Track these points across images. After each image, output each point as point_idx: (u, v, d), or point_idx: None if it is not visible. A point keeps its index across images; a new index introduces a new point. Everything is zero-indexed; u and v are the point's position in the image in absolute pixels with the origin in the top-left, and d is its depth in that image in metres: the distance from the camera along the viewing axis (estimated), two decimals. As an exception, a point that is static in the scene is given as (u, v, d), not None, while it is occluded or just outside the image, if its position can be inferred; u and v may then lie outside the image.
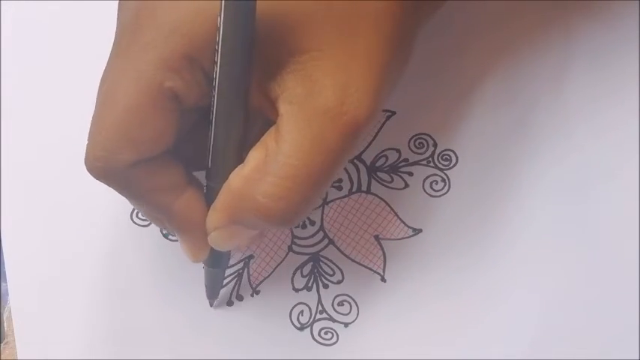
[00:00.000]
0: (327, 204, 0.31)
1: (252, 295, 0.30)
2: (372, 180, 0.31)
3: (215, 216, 0.23)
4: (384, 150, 0.31)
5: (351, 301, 0.30)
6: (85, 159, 0.22)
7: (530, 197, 0.31)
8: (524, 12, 0.32)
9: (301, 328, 0.30)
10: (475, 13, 0.32)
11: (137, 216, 0.30)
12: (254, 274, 0.30)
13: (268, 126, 0.22)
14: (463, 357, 0.29)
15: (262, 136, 0.22)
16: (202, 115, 0.23)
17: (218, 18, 0.20)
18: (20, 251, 0.29)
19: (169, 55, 0.21)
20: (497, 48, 0.32)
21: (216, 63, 0.21)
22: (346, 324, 0.30)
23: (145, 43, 0.21)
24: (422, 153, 0.31)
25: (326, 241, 0.31)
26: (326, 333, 0.30)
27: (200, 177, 0.25)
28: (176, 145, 0.23)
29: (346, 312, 0.30)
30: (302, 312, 0.30)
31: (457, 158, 0.31)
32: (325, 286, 0.30)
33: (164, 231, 0.30)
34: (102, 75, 0.23)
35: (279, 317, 0.30)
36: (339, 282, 0.30)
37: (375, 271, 0.30)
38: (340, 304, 0.30)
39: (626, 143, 0.31)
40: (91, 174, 0.23)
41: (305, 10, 0.21)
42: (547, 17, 0.31)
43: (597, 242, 0.30)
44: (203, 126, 0.23)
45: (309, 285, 0.30)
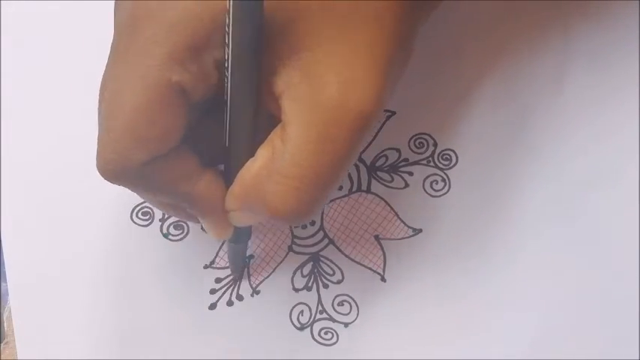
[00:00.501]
0: (327, 204, 0.31)
1: (252, 295, 0.30)
2: (372, 180, 0.31)
3: (231, 200, 0.24)
4: (384, 150, 0.31)
5: (351, 301, 0.30)
6: (97, 163, 0.22)
7: (530, 197, 0.31)
8: (523, 12, 0.32)
9: (301, 328, 0.30)
10: (474, 14, 0.32)
11: (137, 216, 0.30)
12: (254, 274, 0.30)
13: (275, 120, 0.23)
14: (463, 357, 0.29)
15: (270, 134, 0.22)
16: (209, 108, 0.23)
17: (227, 6, 0.20)
18: (20, 251, 0.29)
19: (173, 48, 0.21)
20: (496, 48, 0.32)
21: (227, 45, 0.20)
22: (346, 324, 0.30)
23: (146, 40, 0.21)
24: (422, 153, 0.31)
25: (326, 241, 0.31)
26: (326, 333, 0.30)
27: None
28: (186, 137, 0.23)
29: (346, 312, 0.30)
30: (302, 312, 0.30)
31: (457, 158, 0.31)
32: (325, 286, 0.30)
33: (164, 231, 0.30)
34: (102, 77, 0.22)
35: (279, 317, 0.30)
36: (339, 282, 0.30)
37: (375, 271, 0.30)
38: (340, 304, 0.30)
39: (626, 143, 0.31)
40: (104, 177, 0.22)
41: (307, 7, 0.21)
42: (546, 17, 0.31)
43: (597, 242, 0.30)
44: (211, 118, 0.23)
45: (309, 285, 0.30)
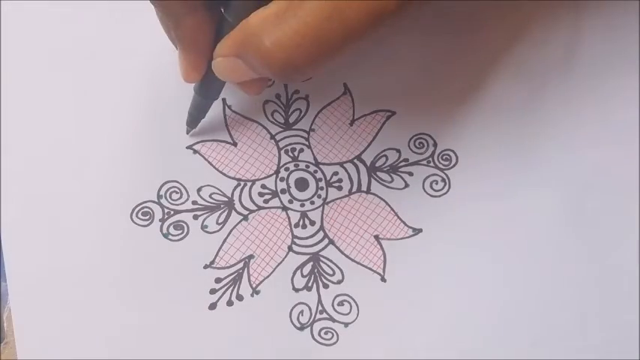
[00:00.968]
0: (327, 204, 0.31)
1: (252, 295, 0.30)
2: (372, 180, 0.31)
3: (225, 43, 0.24)
4: (384, 150, 0.31)
5: (351, 301, 0.30)
6: None
7: (529, 197, 0.31)
8: (522, 11, 0.32)
9: (301, 328, 0.30)
10: (474, 13, 0.32)
11: (137, 216, 0.30)
12: (254, 274, 0.30)
13: None
14: (463, 357, 0.29)
15: None
16: None
17: None
18: (20, 251, 0.29)
19: None
20: (496, 48, 0.32)
21: None
22: (346, 324, 0.30)
23: None
24: (422, 153, 0.31)
25: (326, 241, 0.31)
26: (326, 333, 0.30)
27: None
28: None
29: (346, 312, 0.30)
30: (302, 312, 0.30)
31: (457, 158, 0.31)
32: (325, 286, 0.30)
33: (164, 231, 0.30)
34: None
35: (279, 317, 0.30)
36: (339, 282, 0.30)
37: (375, 271, 0.30)
38: (340, 304, 0.30)
39: (626, 144, 0.31)
40: None
41: None
42: (545, 15, 0.31)
43: (597, 242, 0.30)
44: None
45: (309, 285, 0.30)
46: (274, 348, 0.29)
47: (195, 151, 0.31)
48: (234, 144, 0.31)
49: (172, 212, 0.30)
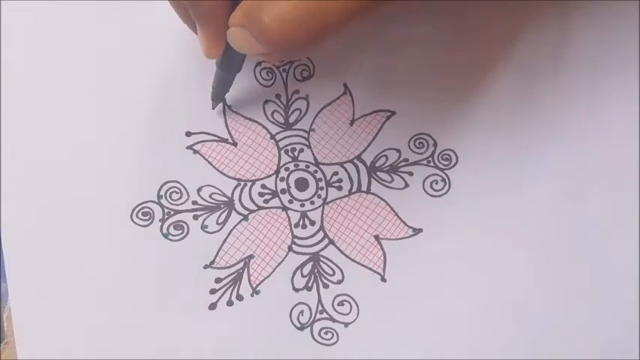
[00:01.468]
0: (327, 204, 0.31)
1: (252, 295, 0.30)
2: (372, 180, 0.31)
3: (236, 13, 0.24)
4: (384, 150, 0.31)
5: (351, 301, 0.30)
6: None
7: (529, 197, 0.31)
8: (521, 11, 0.32)
9: (301, 328, 0.30)
10: (473, 13, 0.32)
11: (137, 216, 0.30)
12: (254, 274, 0.30)
13: None
14: (463, 357, 0.29)
15: None
16: None
17: None
18: (20, 251, 0.29)
19: None
20: (496, 48, 0.32)
21: None
22: (346, 324, 0.30)
23: None
24: (422, 153, 0.31)
25: (326, 241, 0.31)
26: (326, 333, 0.30)
27: None
28: None
29: (346, 312, 0.30)
30: (302, 312, 0.30)
31: (457, 158, 0.31)
32: (325, 286, 0.30)
33: (164, 231, 0.30)
34: None
35: (279, 317, 0.30)
36: (339, 282, 0.30)
37: (375, 271, 0.30)
38: (340, 304, 0.30)
39: (626, 144, 0.31)
40: None
41: None
42: (545, 14, 0.31)
43: (597, 242, 0.30)
44: None
45: (309, 285, 0.30)
46: (274, 348, 0.29)
47: (195, 151, 0.31)
48: (234, 144, 0.31)
49: (172, 212, 0.30)
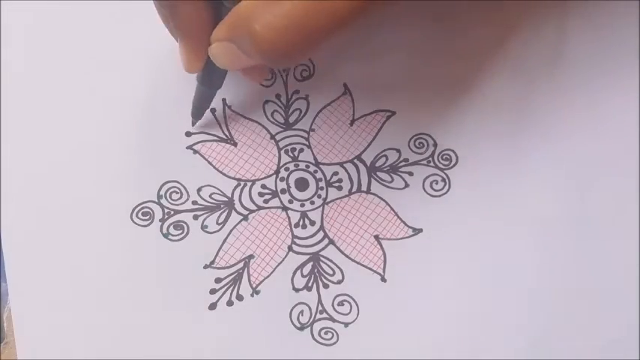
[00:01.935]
0: (327, 204, 0.31)
1: (252, 295, 0.30)
2: (372, 180, 0.31)
3: (219, 28, 0.24)
4: (384, 150, 0.31)
5: (351, 301, 0.30)
6: None
7: (530, 197, 0.31)
8: (519, 10, 0.32)
9: (301, 328, 0.30)
10: (472, 13, 0.32)
11: (137, 216, 0.30)
12: (254, 274, 0.30)
13: None
14: (463, 357, 0.29)
15: None
16: None
17: None
18: (20, 251, 0.29)
19: None
20: (496, 47, 0.32)
21: None
22: (346, 324, 0.30)
23: None
24: (422, 153, 0.31)
25: (326, 241, 0.31)
26: (326, 333, 0.30)
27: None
28: None
29: (346, 312, 0.30)
30: (302, 312, 0.30)
31: (457, 158, 0.31)
32: (325, 286, 0.30)
33: (164, 231, 0.30)
34: None
35: (279, 317, 0.30)
36: (339, 282, 0.30)
37: (375, 271, 0.30)
38: (340, 304, 0.30)
39: (626, 142, 0.31)
40: None
41: None
42: (542, 14, 0.32)
43: (597, 242, 0.30)
44: None
45: (309, 285, 0.30)
46: (274, 348, 0.29)
47: (195, 151, 0.31)
48: (234, 144, 0.31)
49: (172, 212, 0.30)
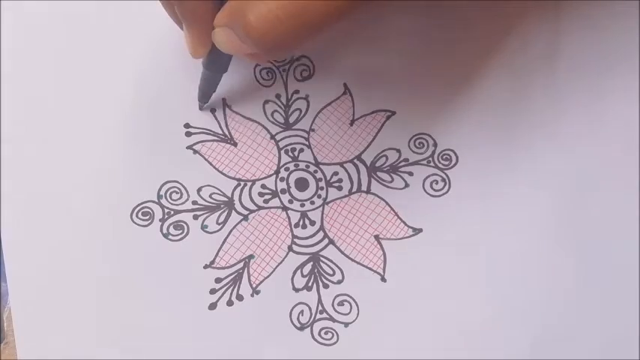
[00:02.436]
0: (327, 204, 0.31)
1: (252, 295, 0.30)
2: (372, 180, 0.31)
3: (221, 14, 0.24)
4: (384, 150, 0.31)
5: (351, 301, 0.30)
6: None
7: (530, 197, 0.31)
8: (519, 11, 0.32)
9: (301, 328, 0.30)
10: (471, 13, 0.32)
11: (137, 216, 0.30)
12: (254, 274, 0.30)
13: None
14: (463, 357, 0.29)
15: None
16: None
17: None
18: (20, 251, 0.29)
19: None
20: (495, 47, 0.32)
21: None
22: (346, 324, 0.30)
23: None
24: (422, 153, 0.31)
25: (326, 241, 0.31)
26: (326, 333, 0.30)
27: None
28: None
29: (346, 312, 0.30)
30: (302, 312, 0.30)
31: (457, 158, 0.31)
32: (325, 286, 0.30)
33: (164, 231, 0.30)
34: None
35: (279, 317, 0.30)
36: (339, 282, 0.30)
37: (375, 271, 0.30)
38: (340, 304, 0.30)
39: (626, 142, 0.31)
40: None
41: None
42: (542, 14, 0.32)
43: (597, 242, 0.30)
44: None
45: (309, 285, 0.30)
46: (274, 348, 0.29)
47: (195, 151, 0.31)
48: (234, 144, 0.31)
49: (172, 212, 0.30)
